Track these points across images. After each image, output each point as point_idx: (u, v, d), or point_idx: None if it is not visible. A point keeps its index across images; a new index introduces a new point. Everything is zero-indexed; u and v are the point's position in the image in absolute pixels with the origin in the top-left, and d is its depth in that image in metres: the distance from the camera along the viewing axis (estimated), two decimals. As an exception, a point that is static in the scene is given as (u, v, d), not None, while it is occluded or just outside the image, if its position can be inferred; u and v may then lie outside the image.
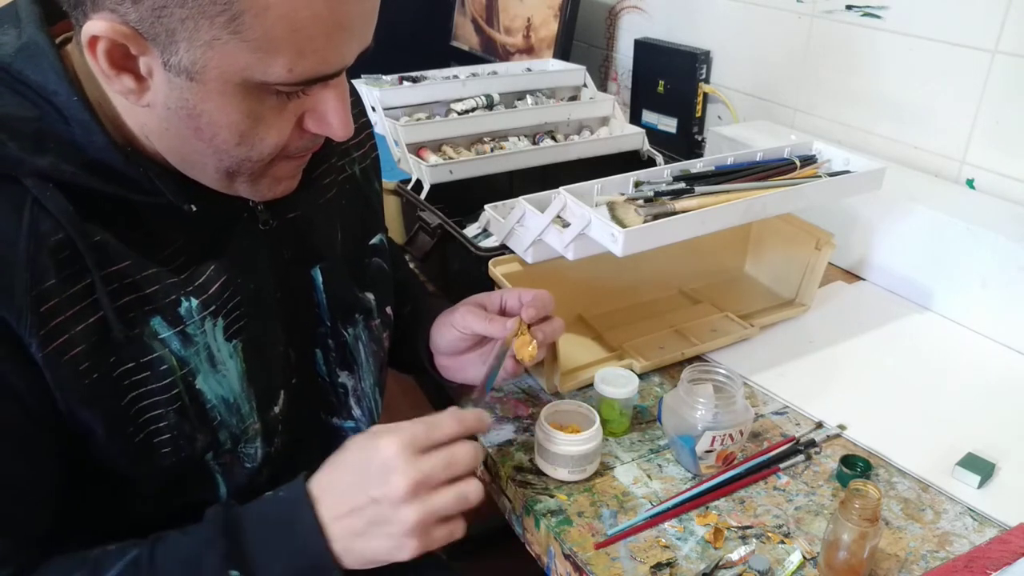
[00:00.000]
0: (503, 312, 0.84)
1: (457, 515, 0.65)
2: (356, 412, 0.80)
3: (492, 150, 1.24)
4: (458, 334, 0.83)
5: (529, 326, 0.80)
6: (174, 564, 0.61)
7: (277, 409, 0.72)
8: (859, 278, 1.21)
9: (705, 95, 1.57)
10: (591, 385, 0.87)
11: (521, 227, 0.90)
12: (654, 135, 1.40)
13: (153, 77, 0.55)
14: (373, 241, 0.83)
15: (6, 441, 0.58)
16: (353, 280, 0.79)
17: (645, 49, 1.65)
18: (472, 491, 0.65)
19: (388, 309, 0.84)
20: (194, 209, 0.63)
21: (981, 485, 0.80)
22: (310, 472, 0.66)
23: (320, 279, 0.75)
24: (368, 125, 0.86)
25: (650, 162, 1.30)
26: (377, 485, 0.62)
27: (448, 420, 0.67)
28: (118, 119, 0.61)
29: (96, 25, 0.52)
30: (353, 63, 0.60)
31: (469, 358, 0.86)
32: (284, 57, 0.54)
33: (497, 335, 0.80)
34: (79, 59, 0.60)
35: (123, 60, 0.54)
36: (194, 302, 0.64)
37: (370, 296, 0.81)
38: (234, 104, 0.56)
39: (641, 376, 0.93)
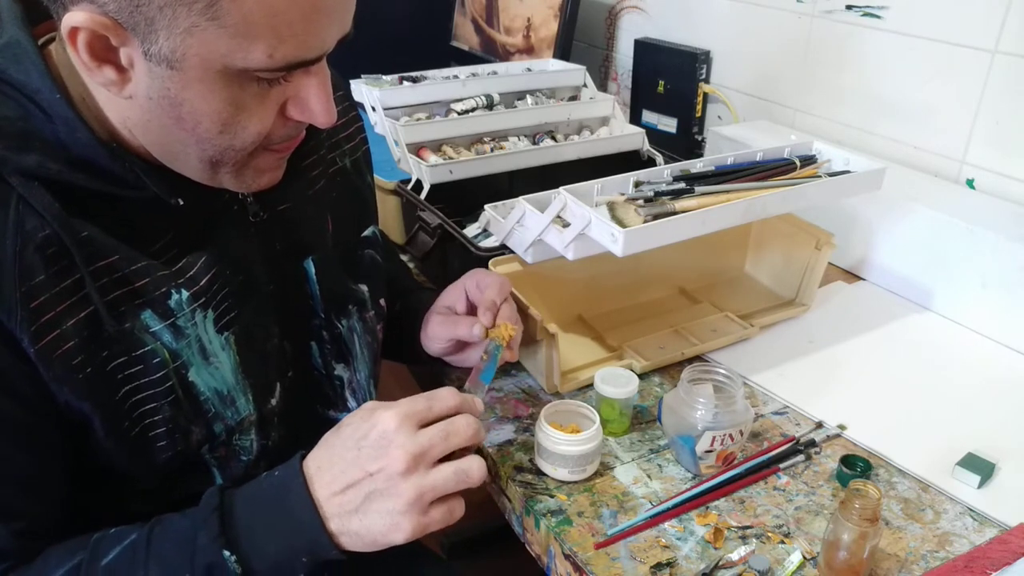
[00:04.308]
0: (470, 306, 0.85)
1: (456, 494, 0.64)
2: (352, 404, 0.81)
3: (492, 150, 1.24)
4: (440, 344, 0.86)
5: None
6: (170, 545, 0.61)
7: (274, 402, 0.72)
8: (859, 278, 1.21)
9: (705, 95, 1.57)
10: (591, 385, 0.87)
11: (521, 227, 0.90)
12: (654, 135, 1.40)
13: (134, 68, 0.55)
14: (365, 233, 0.84)
15: (7, 434, 0.58)
16: (346, 272, 0.80)
17: (645, 49, 1.65)
18: (474, 467, 0.64)
19: (381, 301, 0.85)
20: (181, 203, 0.63)
21: (981, 485, 0.80)
22: (305, 452, 0.65)
23: (313, 271, 0.76)
24: (358, 118, 0.86)
25: (650, 162, 1.30)
26: (374, 459, 0.61)
27: (446, 393, 0.66)
28: (101, 115, 0.61)
29: (76, 16, 0.52)
30: (345, 54, 0.60)
31: (465, 353, 0.88)
32: (263, 42, 0.54)
33: (466, 337, 0.82)
34: (62, 57, 0.60)
35: (104, 52, 0.54)
36: (184, 294, 0.64)
37: (363, 288, 0.81)
38: (215, 92, 0.56)
39: (641, 376, 0.93)
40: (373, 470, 0.61)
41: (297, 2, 0.54)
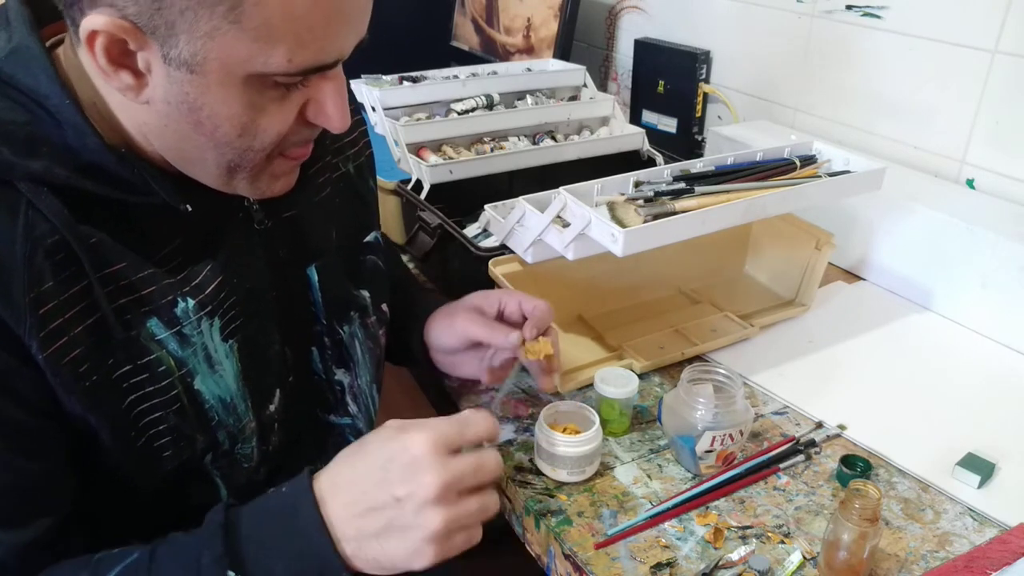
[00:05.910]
0: (500, 315, 0.84)
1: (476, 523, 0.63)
2: (352, 409, 0.80)
3: (492, 150, 1.24)
4: (458, 339, 0.84)
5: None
6: (174, 565, 0.59)
7: (272, 407, 0.72)
8: (859, 278, 1.21)
9: (705, 95, 1.57)
10: (591, 385, 0.87)
11: (521, 227, 0.90)
12: (654, 135, 1.40)
13: (152, 72, 0.55)
14: (368, 239, 0.83)
15: (16, 442, 0.57)
16: (348, 278, 0.79)
17: (645, 49, 1.65)
18: (492, 503, 0.63)
19: (384, 306, 0.84)
20: (190, 209, 0.63)
21: (981, 485, 0.80)
22: (316, 467, 0.62)
23: (316, 277, 0.75)
24: (362, 123, 0.86)
25: (650, 162, 1.30)
26: (403, 484, 0.59)
27: (480, 418, 0.64)
28: (113, 120, 0.60)
29: (95, 20, 0.52)
30: (349, 56, 0.60)
31: (466, 356, 0.87)
32: (284, 46, 0.54)
33: (497, 344, 0.81)
34: (71, 61, 0.60)
35: (121, 56, 0.54)
36: (191, 302, 0.64)
37: (365, 293, 0.81)
38: (235, 96, 0.56)
39: (641, 376, 0.93)
40: (401, 495, 0.58)
41: (318, 7, 0.54)
